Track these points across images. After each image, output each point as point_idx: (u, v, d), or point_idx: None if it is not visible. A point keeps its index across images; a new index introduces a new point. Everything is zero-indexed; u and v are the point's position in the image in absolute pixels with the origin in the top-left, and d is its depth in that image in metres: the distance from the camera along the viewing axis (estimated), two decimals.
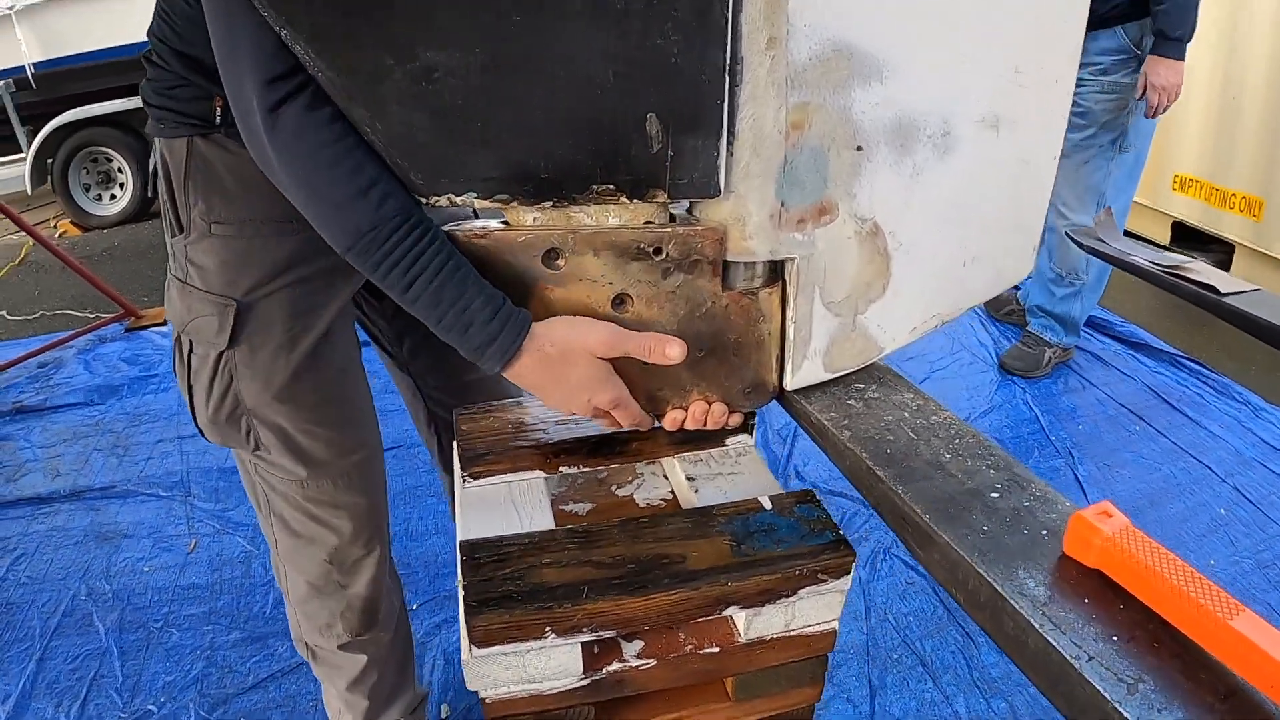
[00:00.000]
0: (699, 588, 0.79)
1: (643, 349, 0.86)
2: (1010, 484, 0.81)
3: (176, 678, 1.76)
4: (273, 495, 1.06)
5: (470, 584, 0.78)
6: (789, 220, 0.91)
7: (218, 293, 0.93)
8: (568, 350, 0.80)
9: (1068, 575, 0.69)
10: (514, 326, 0.78)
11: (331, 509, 1.08)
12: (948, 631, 1.86)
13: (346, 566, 1.14)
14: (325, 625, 1.18)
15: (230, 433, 0.99)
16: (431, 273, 0.76)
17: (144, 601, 1.99)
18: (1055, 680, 0.62)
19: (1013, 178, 1.10)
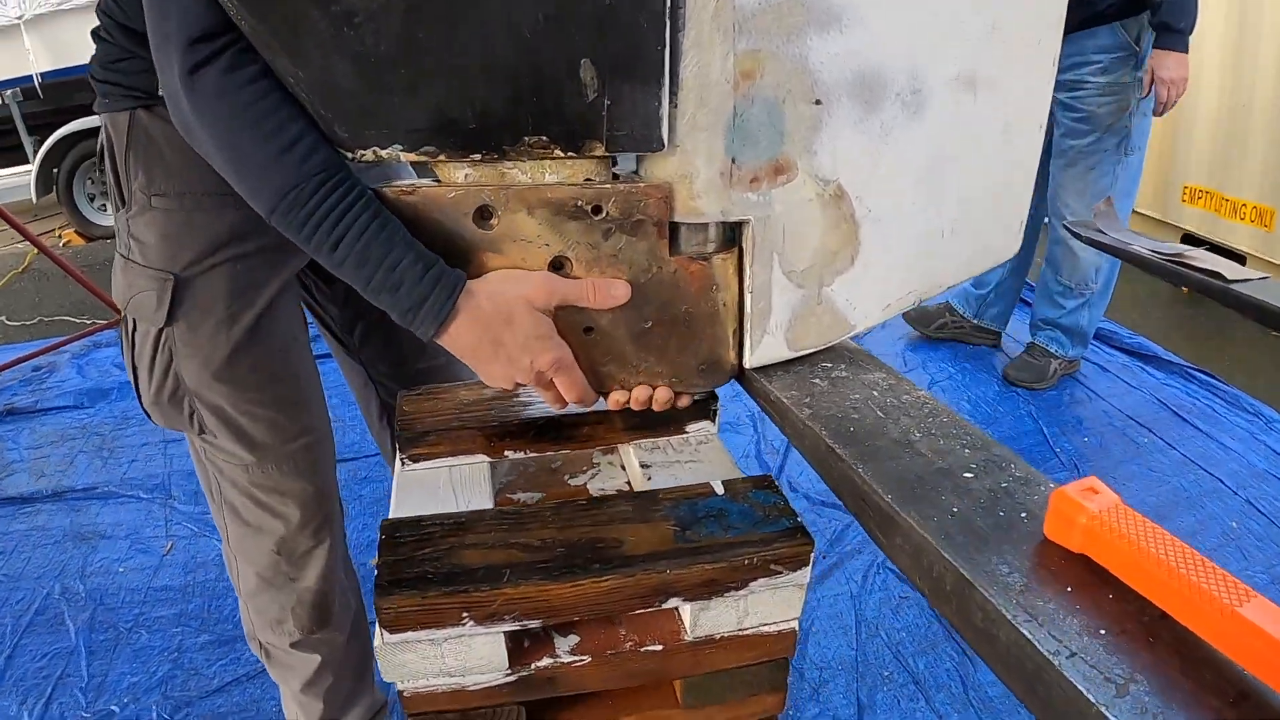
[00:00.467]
0: (634, 575, 0.71)
1: (584, 292, 0.79)
2: (987, 464, 0.73)
3: (142, 679, 1.74)
4: (222, 480, 1.04)
5: (384, 563, 0.71)
6: (741, 178, 0.83)
7: (157, 267, 0.91)
8: (504, 304, 0.75)
9: (1048, 561, 0.60)
10: (447, 284, 0.73)
11: (278, 495, 1.04)
12: (942, 648, 1.76)
13: (295, 558, 1.09)
14: (276, 621, 1.14)
15: (173, 414, 0.98)
16: (358, 230, 0.72)
17: (116, 602, 1.99)
18: (1031, 681, 0.53)
19: (994, 145, 1.03)
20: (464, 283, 0.74)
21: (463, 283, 0.74)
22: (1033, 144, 1.10)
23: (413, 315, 0.73)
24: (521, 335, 0.75)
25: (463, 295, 0.74)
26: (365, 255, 0.72)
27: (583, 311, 0.82)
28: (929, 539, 0.63)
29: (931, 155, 0.96)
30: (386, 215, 0.74)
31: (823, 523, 2.14)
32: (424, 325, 0.73)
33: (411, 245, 0.73)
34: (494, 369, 0.76)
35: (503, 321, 0.74)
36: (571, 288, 0.79)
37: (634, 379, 0.86)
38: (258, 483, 1.02)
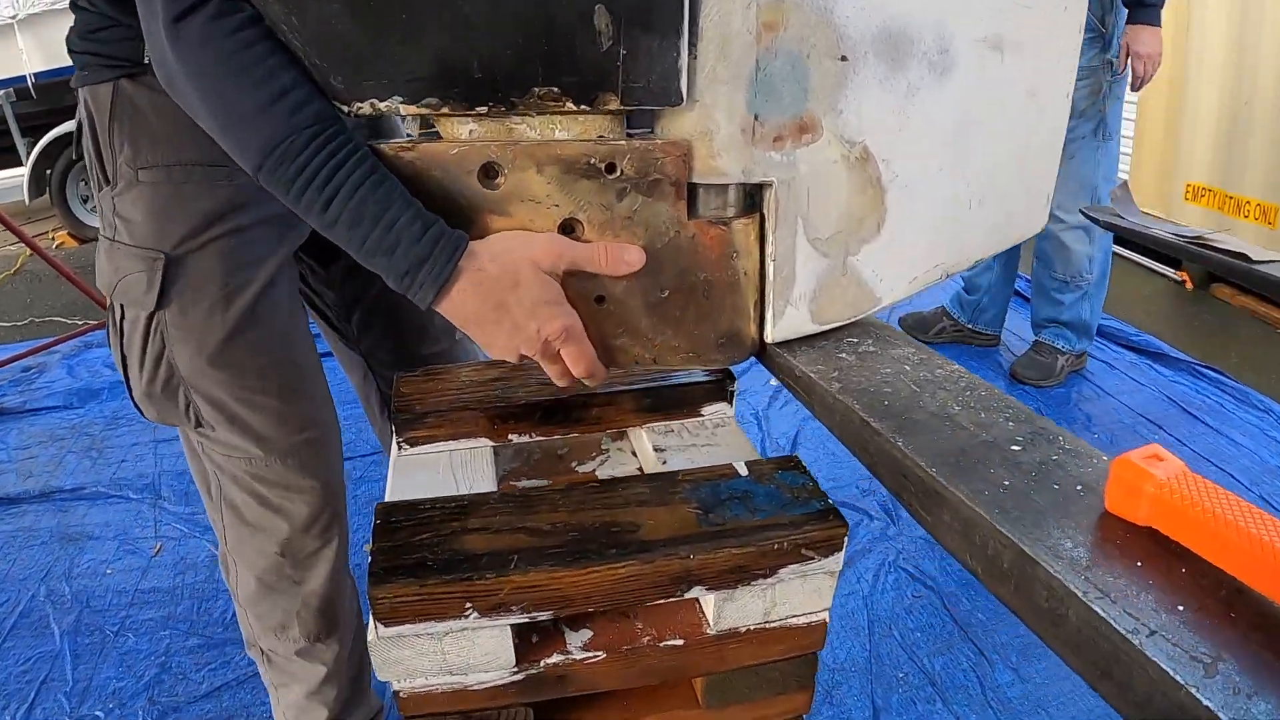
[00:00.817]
0: (653, 561, 0.65)
1: (595, 256, 0.73)
2: (1034, 436, 0.67)
3: (128, 683, 1.69)
4: (221, 477, 0.98)
5: (379, 549, 0.64)
6: (764, 136, 0.78)
7: (146, 246, 0.86)
8: (510, 266, 0.69)
9: (1112, 535, 0.55)
10: (448, 244, 0.67)
11: (283, 491, 0.98)
12: (959, 648, 1.70)
13: (300, 559, 1.03)
14: (279, 626, 1.07)
15: (167, 407, 0.92)
16: (352, 186, 0.66)
17: (103, 604, 1.94)
18: (1107, 664, 0.48)
19: (1020, 111, 0.98)
20: (466, 243, 0.69)
21: (465, 243, 0.69)
22: (1059, 112, 1.05)
23: (410, 279, 0.67)
24: (528, 300, 0.69)
25: (465, 256, 0.68)
26: (359, 213, 0.66)
27: (594, 279, 0.76)
28: (982, 513, 0.57)
29: (958, 119, 0.91)
30: (383, 172, 0.68)
31: None
32: (423, 289, 0.67)
33: (410, 204, 0.67)
34: (498, 338, 0.70)
35: (508, 285, 0.68)
36: (582, 251, 0.73)
37: (648, 353, 0.80)
38: (262, 477, 0.96)
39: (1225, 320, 3.35)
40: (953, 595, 1.85)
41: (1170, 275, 3.55)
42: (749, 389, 2.70)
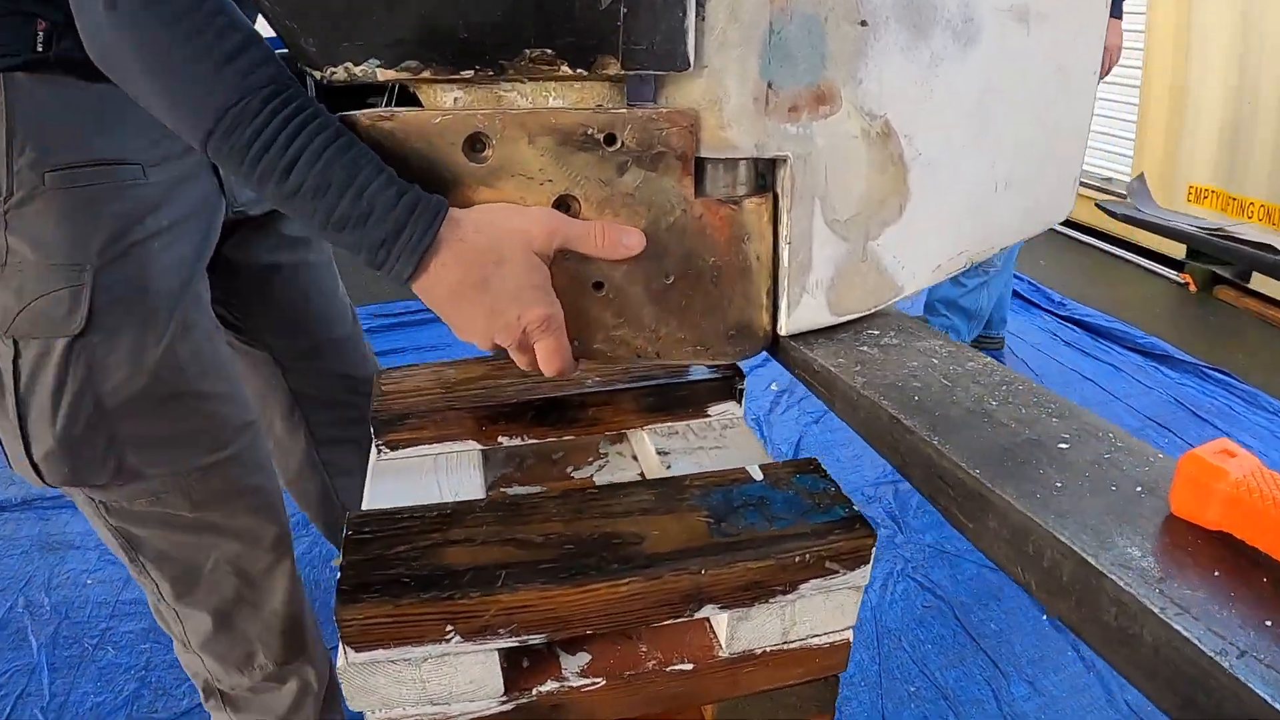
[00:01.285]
0: (660, 576, 0.58)
1: (591, 236, 0.66)
2: (1082, 433, 0.60)
3: (106, 698, 1.64)
4: (143, 532, 0.87)
5: (349, 564, 0.57)
6: (779, 106, 0.71)
7: (63, 262, 0.75)
8: (496, 238, 0.62)
9: (1182, 541, 0.48)
10: (427, 210, 0.60)
11: (226, 509, 0.89)
12: (972, 661, 1.63)
13: (257, 578, 0.95)
14: (244, 659, 0.98)
15: (82, 456, 0.79)
16: (317, 149, 0.58)
17: (82, 616, 1.88)
18: (1190, 691, 0.41)
19: (1047, 89, 0.91)
20: (446, 209, 0.61)
21: (445, 209, 0.61)
22: (1087, 90, 0.98)
23: (386, 251, 0.59)
24: (512, 280, 0.62)
25: (446, 224, 0.60)
26: (325, 180, 0.58)
27: (591, 263, 0.69)
28: (1036, 519, 0.50)
29: (983, 94, 0.84)
30: (350, 136, 0.61)
31: None
32: (401, 262, 0.59)
33: (381, 169, 0.60)
34: (475, 321, 0.63)
35: (493, 260, 0.61)
36: (576, 229, 0.66)
37: (651, 346, 0.73)
38: (199, 501, 0.87)
39: (1229, 322, 3.29)
40: (965, 605, 1.78)
41: (1173, 278, 3.49)
42: (750, 392, 2.63)
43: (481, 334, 0.64)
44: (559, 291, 0.68)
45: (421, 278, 0.61)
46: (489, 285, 0.62)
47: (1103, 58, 2.35)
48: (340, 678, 0.56)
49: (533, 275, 0.64)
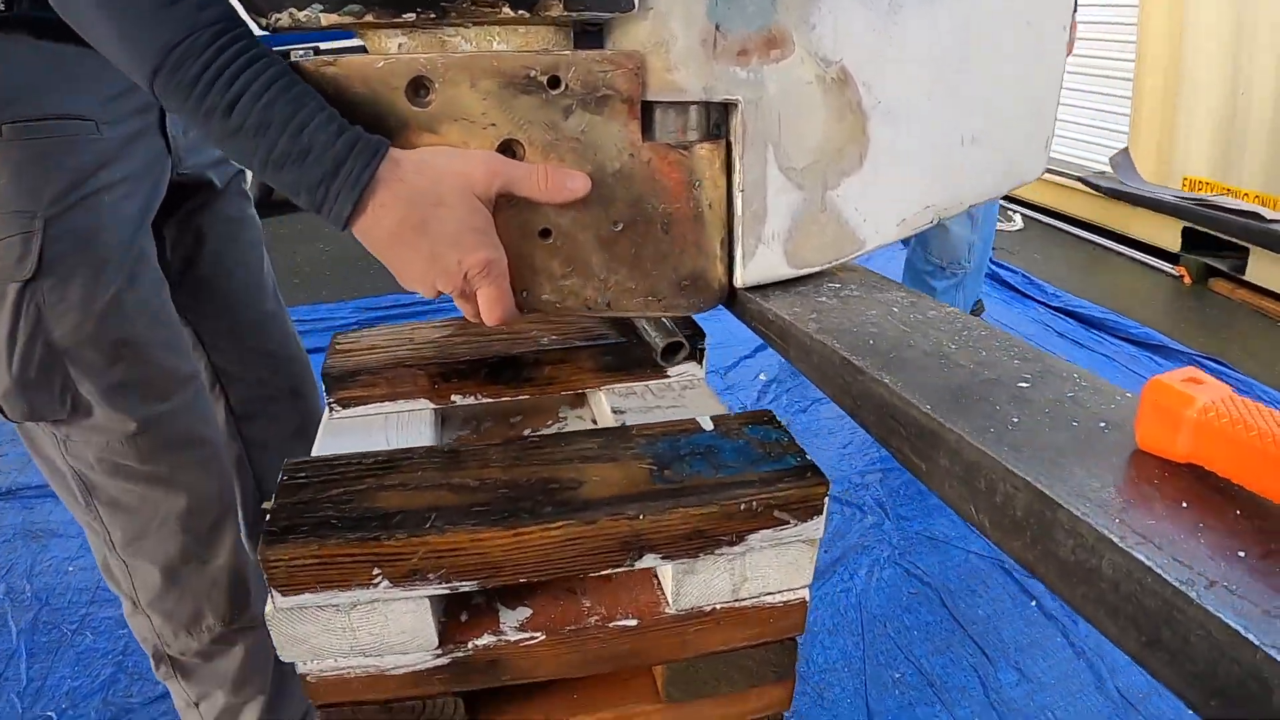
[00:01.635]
0: (595, 521, 0.55)
1: (533, 179, 0.63)
2: (1044, 374, 0.57)
3: (83, 683, 1.64)
4: (94, 474, 0.88)
5: (279, 507, 0.54)
6: (727, 49, 0.69)
7: (15, 209, 0.77)
8: (435, 179, 0.60)
9: (1148, 474, 0.45)
10: (366, 148, 0.59)
11: (173, 460, 0.90)
12: (959, 647, 1.60)
13: (205, 532, 0.94)
14: (192, 618, 0.98)
15: (40, 396, 0.82)
16: (260, 87, 0.58)
17: (62, 603, 1.88)
18: (1154, 627, 0.38)
19: (1016, 43, 0.89)
20: (387, 148, 0.60)
21: (385, 148, 0.60)
22: (1057, 48, 0.95)
23: (325, 189, 0.58)
24: (453, 223, 0.60)
25: (386, 163, 0.59)
26: (267, 117, 0.57)
27: (538, 210, 0.66)
28: (988, 452, 0.47)
29: (948, 46, 0.82)
30: (294, 77, 0.60)
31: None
32: (339, 201, 0.58)
33: (323, 107, 0.59)
34: (414, 265, 0.61)
35: (432, 201, 0.59)
36: (518, 171, 0.63)
37: (601, 297, 0.70)
38: (147, 451, 0.88)
39: (1224, 314, 3.26)
40: (952, 592, 1.75)
41: (1168, 271, 3.47)
42: (738, 383, 2.61)
43: (422, 279, 0.62)
44: (505, 239, 0.66)
45: (360, 219, 0.60)
46: (428, 228, 0.60)
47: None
48: (269, 624, 0.54)
49: (473, 218, 0.62)
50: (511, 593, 0.62)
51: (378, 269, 1.85)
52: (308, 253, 4.17)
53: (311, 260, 4.06)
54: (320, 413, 1.19)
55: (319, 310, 3.26)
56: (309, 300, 3.45)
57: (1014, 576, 1.81)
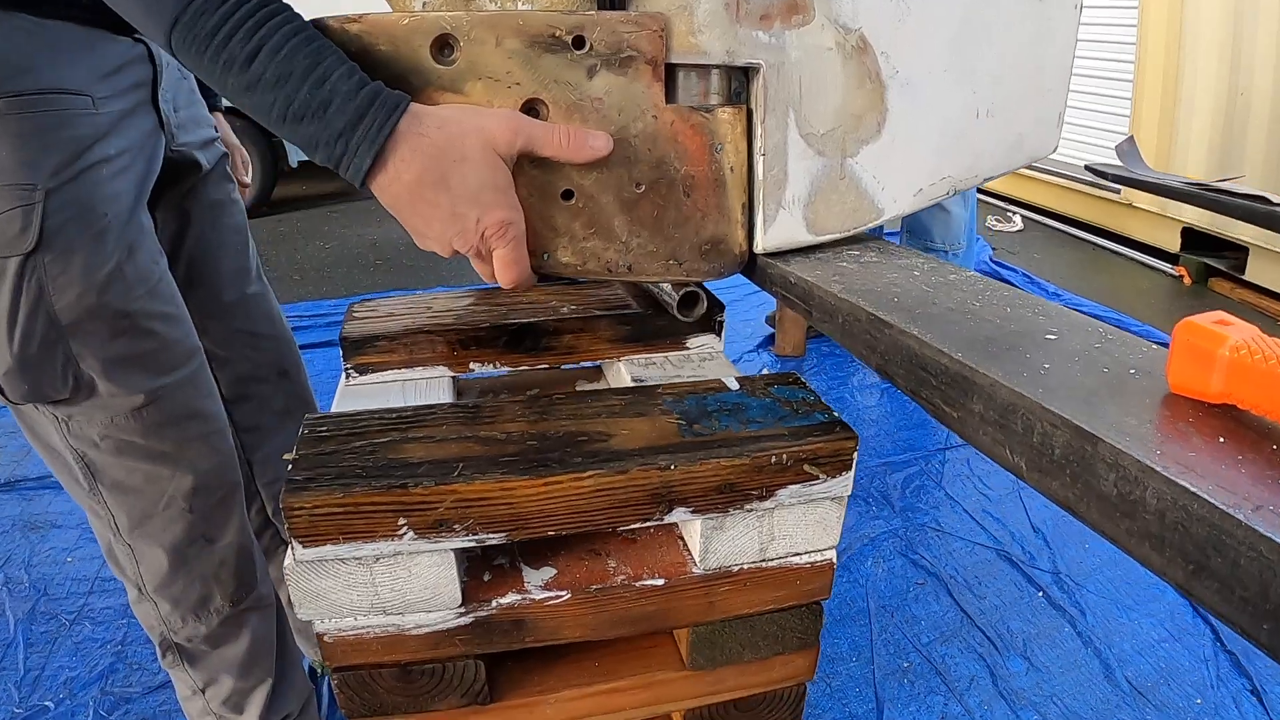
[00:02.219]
0: (627, 471, 0.54)
1: (555, 139, 0.63)
2: (1070, 327, 0.57)
3: (81, 673, 1.63)
4: (98, 456, 0.87)
5: (301, 458, 0.53)
6: (750, 13, 0.69)
7: (15, 182, 0.77)
8: (457, 135, 0.60)
9: (1183, 414, 0.45)
10: (387, 102, 0.58)
11: (179, 435, 0.89)
12: (967, 636, 1.59)
13: (211, 511, 0.94)
14: (199, 601, 0.97)
15: (43, 373, 0.81)
16: (280, 40, 0.57)
17: (61, 592, 1.87)
18: (1202, 553, 0.37)
19: (1029, 19, 0.89)
20: (408, 103, 0.59)
21: (407, 102, 0.59)
22: (1069, 23, 0.96)
23: (345, 142, 0.57)
24: (474, 180, 0.59)
25: (407, 117, 0.58)
26: (287, 69, 0.56)
27: (560, 171, 0.66)
28: (1024, 393, 0.47)
29: (964, 18, 0.82)
30: (314, 31, 0.60)
31: None
32: (359, 155, 0.57)
33: (344, 60, 0.58)
34: (433, 224, 0.61)
35: (454, 158, 0.59)
36: (540, 129, 0.63)
37: (623, 260, 0.70)
38: (152, 426, 0.87)
39: (1227, 311, 3.27)
40: (958, 582, 1.74)
41: (1168, 271, 3.48)
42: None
43: (439, 238, 0.62)
44: (525, 200, 0.65)
45: (379, 174, 0.59)
46: (449, 184, 0.59)
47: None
48: (288, 579, 0.53)
49: (495, 175, 0.61)
50: (534, 552, 0.62)
51: (379, 266, 1.86)
52: (309, 250, 4.17)
53: (313, 258, 4.06)
54: (309, 395, 1.20)
55: (321, 306, 3.25)
56: (312, 296, 3.45)
57: (1019, 568, 1.81)
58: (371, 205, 4.78)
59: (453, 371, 0.79)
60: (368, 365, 0.76)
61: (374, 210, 4.72)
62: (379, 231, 4.45)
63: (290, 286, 3.60)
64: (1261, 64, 3.11)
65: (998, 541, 1.89)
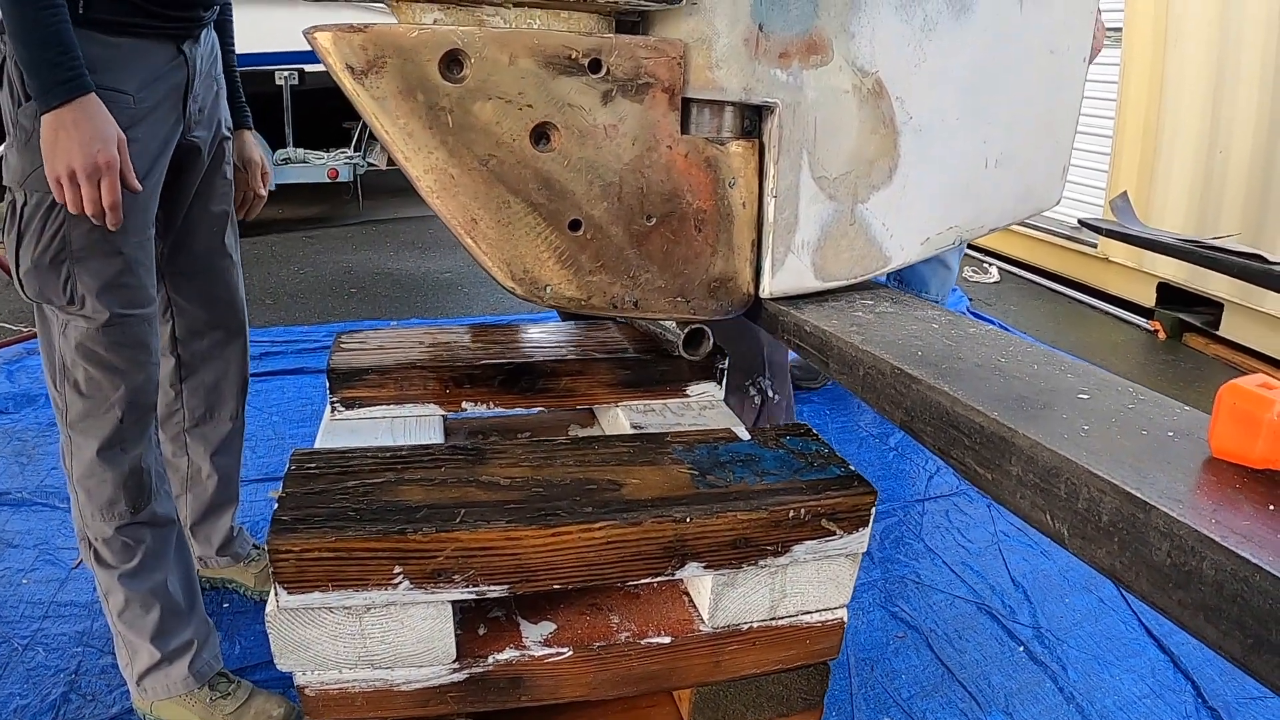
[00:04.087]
0: (640, 523, 0.51)
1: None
2: (1101, 386, 0.56)
3: (32, 701, 1.54)
4: (70, 358, 1.10)
5: (289, 495, 0.49)
6: (769, 50, 0.67)
7: None
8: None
9: (1228, 479, 0.43)
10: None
11: (128, 358, 1.10)
12: (948, 690, 1.55)
13: (133, 423, 1.13)
14: (108, 502, 1.16)
15: (49, 280, 1.05)
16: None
17: (14, 615, 1.77)
18: (1264, 626, 0.35)
19: (1039, 70, 0.89)
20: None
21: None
22: (1076, 77, 0.96)
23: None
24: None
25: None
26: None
27: (569, 200, 0.64)
28: (1068, 457, 0.45)
29: (976, 67, 0.82)
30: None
31: None
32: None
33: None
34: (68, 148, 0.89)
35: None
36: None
37: (629, 295, 0.67)
38: (112, 345, 1.08)
39: (1198, 368, 3.31)
40: (939, 637, 1.71)
41: (1143, 325, 3.53)
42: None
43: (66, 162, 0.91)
44: (529, 227, 0.63)
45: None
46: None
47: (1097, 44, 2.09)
48: (268, 627, 0.49)
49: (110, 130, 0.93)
50: (531, 605, 0.58)
51: (353, 295, 1.85)
52: (283, 275, 4.10)
53: (286, 282, 3.98)
54: (244, 345, 1.40)
55: (293, 332, 3.18)
56: (284, 322, 3.37)
57: (1000, 622, 1.78)
58: (349, 232, 4.74)
59: (444, 410, 0.75)
60: (355, 399, 0.73)
61: (351, 237, 4.67)
62: (355, 259, 4.39)
63: (262, 311, 3.52)
64: (1242, 120, 3.18)
65: (978, 595, 1.86)
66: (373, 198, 5.28)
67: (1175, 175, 3.43)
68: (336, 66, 0.60)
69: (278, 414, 2.44)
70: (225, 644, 1.44)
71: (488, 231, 0.62)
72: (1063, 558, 1.90)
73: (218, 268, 1.33)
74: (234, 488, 1.53)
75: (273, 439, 2.20)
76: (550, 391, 0.78)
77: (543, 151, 0.63)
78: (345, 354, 0.76)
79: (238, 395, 1.40)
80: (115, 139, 0.94)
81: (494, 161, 0.62)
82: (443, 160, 0.62)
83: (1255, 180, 3.21)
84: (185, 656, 1.27)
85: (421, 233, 4.77)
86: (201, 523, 1.51)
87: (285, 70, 3.99)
